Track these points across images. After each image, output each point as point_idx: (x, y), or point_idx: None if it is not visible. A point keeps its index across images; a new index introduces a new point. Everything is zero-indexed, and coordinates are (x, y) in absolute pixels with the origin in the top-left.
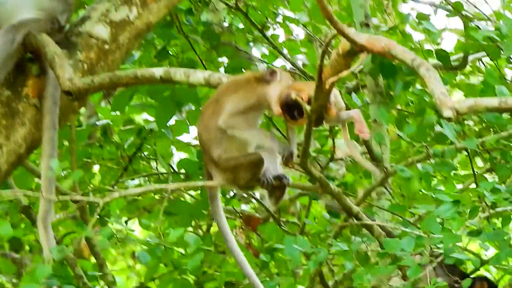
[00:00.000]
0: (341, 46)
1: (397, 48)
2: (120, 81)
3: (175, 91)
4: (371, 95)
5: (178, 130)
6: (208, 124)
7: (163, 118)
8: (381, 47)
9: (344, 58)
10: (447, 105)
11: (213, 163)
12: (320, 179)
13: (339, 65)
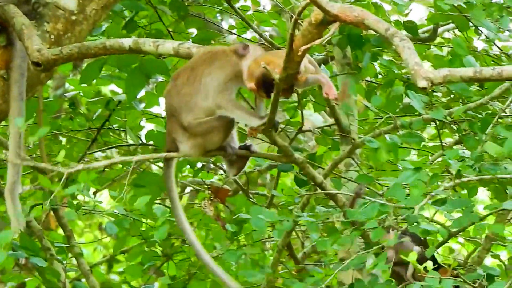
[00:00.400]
0: (314, 15)
1: (371, 18)
2: (88, 51)
3: (143, 62)
4: (339, 67)
5: (148, 102)
6: (182, 90)
7: (132, 90)
8: (354, 16)
9: (316, 27)
10: (422, 75)
11: (182, 129)
12: (284, 147)
13: (311, 35)
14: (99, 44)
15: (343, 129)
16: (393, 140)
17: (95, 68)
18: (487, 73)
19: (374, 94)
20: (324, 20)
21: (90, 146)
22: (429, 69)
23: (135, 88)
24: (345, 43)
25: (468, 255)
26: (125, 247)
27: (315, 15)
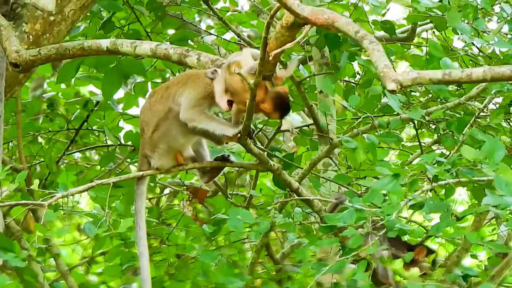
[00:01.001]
0: (285, 18)
1: (341, 21)
2: (66, 52)
3: (121, 62)
4: (317, 66)
5: (126, 103)
6: (154, 107)
7: (109, 90)
8: (324, 19)
9: (288, 30)
10: (391, 77)
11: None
12: (260, 155)
13: (284, 37)
14: (77, 45)
15: (321, 129)
16: (371, 140)
17: (72, 68)
18: (456, 75)
19: (352, 94)
20: (296, 23)
21: (69, 146)
22: (398, 72)
23: (111, 88)
24: (323, 43)
25: (448, 256)
26: (104, 248)
27: (286, 17)
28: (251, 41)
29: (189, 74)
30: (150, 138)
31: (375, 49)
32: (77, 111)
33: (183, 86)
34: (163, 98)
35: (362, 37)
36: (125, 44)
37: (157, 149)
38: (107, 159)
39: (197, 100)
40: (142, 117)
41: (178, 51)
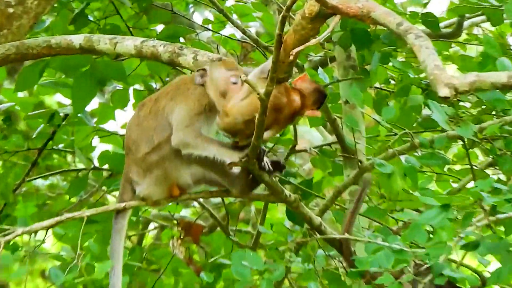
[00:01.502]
0: (308, 7)
1: (379, 10)
2: (29, 51)
3: (95, 65)
4: (342, 70)
5: (101, 116)
6: (144, 123)
7: (80, 100)
8: (358, 8)
9: (311, 22)
10: (444, 81)
11: (138, 165)
12: (272, 184)
13: (305, 30)
14: (42, 42)
15: (347, 149)
16: (410, 162)
17: (34, 72)
18: None
19: (386, 105)
20: (321, 13)
21: (30, 171)
22: (453, 74)
23: (84, 98)
24: (349, 41)
25: None
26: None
27: (309, 6)
28: (259, 39)
29: (178, 84)
30: (140, 160)
31: (422, 45)
32: (40, 127)
33: (173, 100)
34: (152, 113)
35: (406, 31)
36: (102, 40)
37: (148, 175)
38: (78, 187)
39: (190, 118)
40: (129, 133)
41: (169, 49)
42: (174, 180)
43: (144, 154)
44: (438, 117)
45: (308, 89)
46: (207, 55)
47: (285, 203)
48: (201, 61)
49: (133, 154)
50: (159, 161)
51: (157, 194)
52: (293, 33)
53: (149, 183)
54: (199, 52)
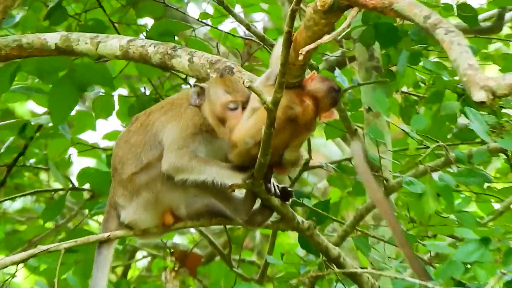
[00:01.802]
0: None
1: (403, 1)
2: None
3: (75, 68)
4: (363, 72)
5: (79, 126)
6: (132, 138)
7: (60, 110)
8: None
9: (324, 16)
10: (479, 83)
11: (123, 187)
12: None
13: (318, 26)
14: (11, 42)
15: (371, 165)
16: (444, 180)
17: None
18: None
19: (415, 113)
20: (336, 5)
21: None
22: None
23: (64, 107)
24: (372, 38)
25: None
26: None
27: None
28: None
29: (174, 98)
30: (127, 181)
31: (454, 41)
32: (10, 140)
33: (165, 115)
34: (142, 127)
35: (435, 25)
36: (82, 39)
37: (135, 198)
38: (53, 210)
39: (183, 140)
40: (116, 151)
41: (160, 49)
42: (167, 206)
43: (131, 174)
44: (477, 127)
45: (321, 90)
46: (204, 56)
47: (297, 231)
48: (197, 64)
49: (119, 174)
50: (148, 183)
51: (146, 221)
52: (304, 30)
53: (136, 208)
54: (196, 53)
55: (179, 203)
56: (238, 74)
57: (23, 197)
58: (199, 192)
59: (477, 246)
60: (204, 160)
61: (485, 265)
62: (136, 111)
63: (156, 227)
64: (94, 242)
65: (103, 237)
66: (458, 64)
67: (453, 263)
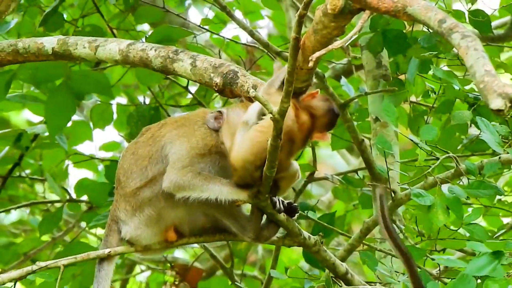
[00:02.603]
0: (331, 1)
1: (416, 4)
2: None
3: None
4: (371, 81)
5: (76, 136)
6: (139, 150)
7: (56, 119)
8: (391, 2)
9: (334, 19)
10: (496, 90)
11: (126, 201)
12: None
13: (327, 31)
14: (7, 46)
15: (377, 176)
16: (454, 192)
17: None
18: None
19: (424, 123)
20: (346, 9)
21: None
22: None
23: (61, 116)
24: (380, 45)
25: None
26: None
27: (332, 1)
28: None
29: (190, 115)
30: (130, 195)
31: (470, 47)
32: (5, 149)
33: (177, 130)
34: (152, 139)
35: (451, 29)
36: (80, 43)
37: (138, 214)
38: (50, 223)
39: (190, 158)
40: (122, 162)
41: (161, 53)
42: (170, 222)
43: (135, 188)
44: (489, 137)
45: (321, 110)
46: (207, 60)
47: (303, 246)
48: (200, 68)
49: (122, 187)
50: (152, 199)
51: (147, 237)
52: (312, 33)
53: (138, 224)
54: (198, 56)
55: (183, 220)
56: (243, 78)
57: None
58: (204, 210)
59: (489, 259)
60: (207, 178)
61: (497, 279)
62: (135, 120)
63: (158, 243)
64: (94, 258)
65: (104, 253)
66: (475, 71)
67: (465, 278)
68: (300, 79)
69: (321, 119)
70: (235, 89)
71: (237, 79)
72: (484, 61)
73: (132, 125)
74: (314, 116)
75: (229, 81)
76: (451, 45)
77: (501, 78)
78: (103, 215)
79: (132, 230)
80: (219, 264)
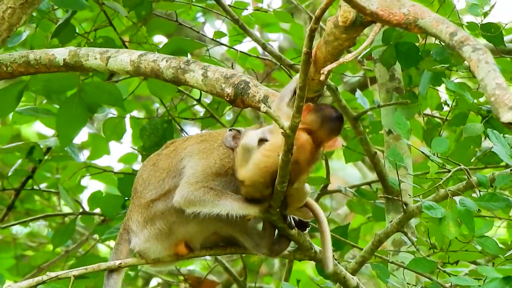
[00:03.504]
0: (342, 14)
1: (428, 17)
2: (2, 69)
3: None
4: (384, 93)
5: (94, 150)
6: (160, 162)
7: (67, 130)
8: (403, 15)
9: (345, 31)
10: (507, 103)
11: (139, 212)
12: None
13: (338, 41)
14: (18, 58)
15: (390, 189)
16: (465, 205)
17: (10, 96)
18: None
19: (437, 135)
20: (358, 21)
21: (5, 216)
22: None
23: (71, 128)
24: (393, 58)
25: None
26: None
27: (343, 13)
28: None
29: (213, 133)
30: (144, 206)
31: (481, 60)
32: (18, 163)
33: (197, 145)
34: (174, 152)
35: (462, 42)
36: (92, 55)
37: (148, 226)
38: (64, 235)
39: (204, 177)
40: (141, 172)
41: (173, 64)
42: (181, 237)
43: (150, 200)
44: (500, 149)
45: (315, 123)
46: (219, 71)
47: (314, 260)
48: (212, 79)
49: (138, 197)
50: (164, 213)
51: (156, 251)
52: (324, 45)
53: (148, 237)
54: (210, 67)
55: (194, 235)
56: (254, 88)
57: (33, 222)
58: (216, 226)
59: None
60: (218, 193)
61: None
62: (148, 133)
63: (168, 256)
64: (104, 269)
65: (114, 265)
66: (486, 84)
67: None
68: (312, 89)
69: (321, 131)
70: (246, 99)
71: (248, 90)
72: (495, 74)
73: (145, 138)
74: (313, 131)
75: (240, 91)
76: (463, 58)
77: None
78: (116, 228)
79: (141, 243)
80: (232, 277)
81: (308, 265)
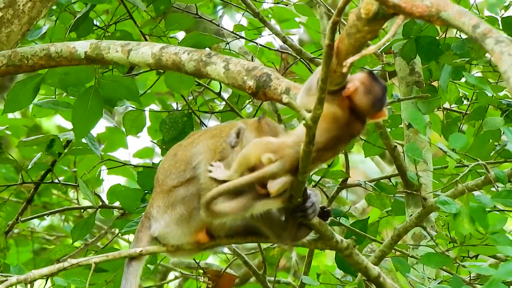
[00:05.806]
0: (364, 6)
1: (451, 9)
2: (23, 63)
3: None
4: (404, 87)
5: (109, 143)
6: (180, 152)
7: (82, 122)
8: (426, 7)
9: (368, 24)
10: None
11: (161, 198)
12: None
13: (360, 34)
14: (39, 51)
15: (410, 183)
16: (480, 201)
17: (28, 89)
18: None
19: (457, 130)
20: (380, 13)
21: (24, 209)
22: None
23: (86, 120)
24: (413, 52)
25: None
26: None
27: (366, 5)
28: (302, 49)
29: (223, 126)
30: (165, 192)
31: (504, 52)
32: (37, 156)
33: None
34: (195, 142)
35: (485, 34)
36: (113, 47)
37: (169, 211)
38: (82, 229)
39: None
40: (164, 161)
41: (194, 56)
42: (201, 224)
43: (172, 186)
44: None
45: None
46: (241, 63)
47: (336, 250)
48: (233, 71)
49: (160, 185)
50: (186, 198)
51: (176, 236)
52: (346, 37)
53: (168, 221)
54: (231, 59)
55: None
56: (276, 81)
57: (51, 215)
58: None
59: None
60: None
61: None
62: (168, 127)
63: (189, 244)
64: (125, 257)
65: (135, 252)
66: (508, 76)
67: (494, 282)
68: (334, 82)
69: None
70: (268, 92)
71: (270, 82)
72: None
73: (165, 131)
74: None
75: (262, 84)
76: (484, 50)
77: None
78: (135, 221)
79: (161, 227)
80: (251, 270)
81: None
